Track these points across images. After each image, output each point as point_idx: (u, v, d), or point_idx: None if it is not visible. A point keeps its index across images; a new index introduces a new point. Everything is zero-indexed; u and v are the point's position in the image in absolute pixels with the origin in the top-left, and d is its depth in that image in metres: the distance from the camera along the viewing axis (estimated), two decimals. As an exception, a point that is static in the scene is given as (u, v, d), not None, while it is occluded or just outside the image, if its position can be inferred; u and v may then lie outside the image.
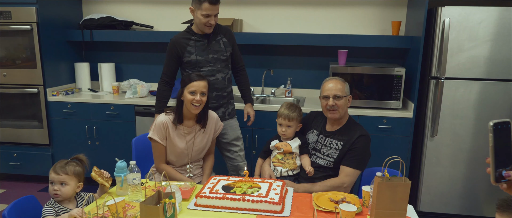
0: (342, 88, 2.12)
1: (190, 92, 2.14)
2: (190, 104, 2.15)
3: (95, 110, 3.41)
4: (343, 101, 2.11)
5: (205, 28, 2.48)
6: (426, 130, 2.94)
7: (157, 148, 2.21)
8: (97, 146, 3.48)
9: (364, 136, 2.10)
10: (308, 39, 3.32)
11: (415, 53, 2.98)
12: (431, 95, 2.88)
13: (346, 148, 2.09)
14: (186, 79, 2.16)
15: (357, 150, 2.07)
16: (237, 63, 2.73)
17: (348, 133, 2.13)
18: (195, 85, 2.14)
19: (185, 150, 2.25)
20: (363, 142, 2.08)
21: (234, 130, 2.68)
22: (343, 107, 2.12)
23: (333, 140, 2.15)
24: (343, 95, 2.11)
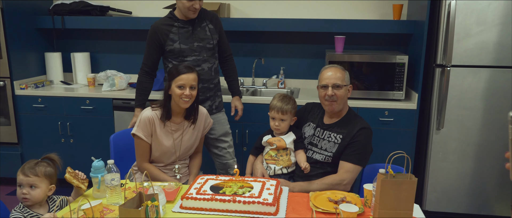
0: (342, 77, 2.12)
1: (179, 86, 2.13)
2: (179, 99, 2.14)
3: (69, 104, 3.37)
4: (343, 91, 2.11)
5: (189, 12, 2.45)
6: (431, 123, 2.95)
7: (141, 146, 2.19)
8: (71, 144, 3.44)
9: (365, 128, 2.10)
10: (302, 25, 3.31)
11: (419, 39, 2.98)
12: (436, 85, 2.88)
13: (346, 141, 2.09)
14: (174, 72, 2.14)
15: (358, 144, 2.07)
16: (224, 52, 2.71)
17: (348, 125, 2.13)
18: (183, 78, 2.13)
19: (172, 148, 2.24)
20: (365, 135, 2.08)
21: (222, 125, 2.67)
22: (343, 98, 2.12)
23: (332, 133, 2.15)
24: (343, 84, 2.11)
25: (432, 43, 2.92)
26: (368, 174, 2.19)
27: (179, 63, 2.48)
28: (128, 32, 3.79)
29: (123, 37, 3.83)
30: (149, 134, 2.19)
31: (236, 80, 2.78)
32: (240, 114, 2.76)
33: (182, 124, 2.26)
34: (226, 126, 2.70)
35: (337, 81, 2.10)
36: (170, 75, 2.15)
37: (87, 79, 3.61)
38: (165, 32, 2.50)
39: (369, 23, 3.23)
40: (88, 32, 3.86)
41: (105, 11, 3.66)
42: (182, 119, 2.26)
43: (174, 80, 2.13)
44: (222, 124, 2.68)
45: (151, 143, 2.21)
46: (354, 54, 3.09)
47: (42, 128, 3.45)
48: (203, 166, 2.47)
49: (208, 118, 2.40)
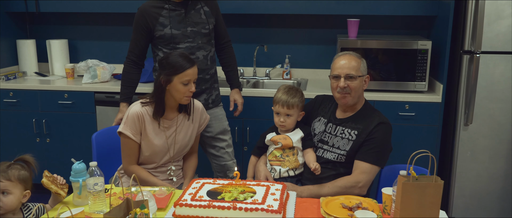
0: (357, 66, 2.11)
1: (184, 82, 2.12)
2: (182, 96, 2.15)
3: (45, 99, 3.37)
4: (357, 82, 2.10)
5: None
6: (458, 118, 2.94)
7: (128, 146, 2.19)
8: (48, 144, 3.45)
9: (384, 124, 2.09)
10: (311, 7, 3.29)
11: (444, 21, 2.96)
12: (464, 74, 2.87)
13: (362, 138, 2.09)
14: (176, 65, 2.12)
15: (376, 141, 2.07)
16: (221, 38, 2.71)
17: (364, 120, 2.13)
18: (189, 73, 2.13)
19: (165, 147, 2.24)
20: (383, 132, 2.08)
21: (220, 121, 2.67)
22: (357, 90, 2.11)
23: (346, 128, 2.15)
24: (358, 75, 2.10)
25: (459, 26, 2.90)
26: (387, 176, 2.19)
27: (170, 51, 2.48)
28: (112, 16, 3.78)
29: (106, 22, 3.81)
30: (138, 132, 2.18)
31: (235, 70, 2.77)
32: (240, 109, 2.76)
33: (175, 119, 2.25)
34: (225, 122, 2.69)
35: (351, 71, 2.10)
36: (170, 69, 2.12)
37: (65, 70, 3.60)
38: (154, 15, 2.49)
39: (387, 4, 3.22)
40: (66, 16, 3.84)
41: (85, -8, 3.66)
42: (176, 114, 2.26)
43: (177, 76, 2.11)
44: (220, 120, 2.67)
45: (140, 142, 2.21)
46: (370, 40, 3.07)
47: (14, 126, 3.45)
48: (198, 168, 2.47)
49: (204, 114, 2.39)
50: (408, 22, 3.47)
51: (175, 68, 2.11)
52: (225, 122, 2.70)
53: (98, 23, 3.83)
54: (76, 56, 3.89)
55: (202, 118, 2.37)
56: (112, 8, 3.51)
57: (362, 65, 2.13)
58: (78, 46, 3.89)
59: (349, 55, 2.15)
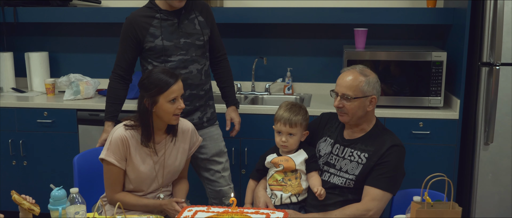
0: (356, 86, 2.09)
1: (170, 100, 2.12)
2: (170, 116, 2.14)
3: (22, 117, 3.36)
4: (356, 104, 2.10)
5: (174, 1, 2.47)
6: (477, 136, 2.94)
7: (113, 173, 2.18)
8: (24, 168, 3.43)
9: (397, 146, 2.09)
10: (314, 15, 3.30)
11: (459, 31, 2.97)
12: (482, 88, 2.88)
13: (373, 161, 2.08)
14: (160, 83, 2.10)
15: (388, 165, 2.06)
16: (217, 51, 2.72)
17: (375, 141, 2.12)
18: (175, 90, 2.12)
19: (152, 173, 2.23)
20: (396, 155, 2.08)
21: (216, 142, 2.67)
22: (355, 112, 2.11)
23: (355, 150, 2.15)
24: (356, 96, 2.09)
25: (476, 36, 2.91)
26: (400, 202, 2.17)
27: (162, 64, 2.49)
28: (96, 27, 3.78)
29: (90, 33, 3.82)
30: (123, 158, 2.17)
31: (231, 86, 2.77)
32: (237, 129, 2.75)
33: (163, 142, 2.25)
34: (221, 143, 2.69)
35: (347, 90, 2.09)
36: (154, 89, 2.10)
37: (45, 86, 3.59)
38: (144, 25, 2.50)
39: (397, 12, 3.23)
40: (46, 27, 3.85)
41: (67, 0, 3.66)
42: (164, 136, 2.25)
43: (163, 95, 2.10)
44: (215, 141, 2.67)
45: (125, 168, 2.19)
46: (379, 51, 3.08)
47: (-12, 147, 3.44)
48: (191, 194, 2.46)
49: (196, 135, 2.39)
50: (421, 32, 3.47)
51: (159, 86, 2.10)
52: (221, 143, 2.69)
53: (81, 34, 3.83)
54: (57, 70, 3.88)
55: (193, 140, 2.36)
56: (97, 18, 3.52)
57: (366, 84, 2.10)
58: (60, 59, 3.89)
59: (351, 71, 2.14)
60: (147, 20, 2.50)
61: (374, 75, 2.15)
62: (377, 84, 2.15)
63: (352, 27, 3.30)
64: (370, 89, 2.11)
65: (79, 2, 3.75)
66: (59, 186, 1.88)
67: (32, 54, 3.69)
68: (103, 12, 3.52)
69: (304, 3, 3.55)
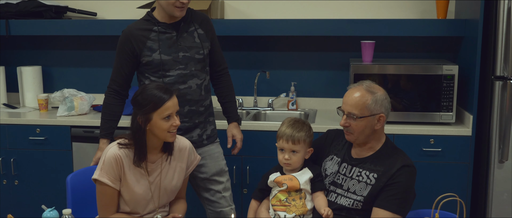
0: (362, 104, 2.09)
1: (165, 117, 2.12)
2: (165, 133, 2.15)
3: (13, 134, 3.37)
4: (361, 123, 2.09)
5: (175, 10, 2.47)
6: (491, 153, 2.93)
7: (106, 194, 2.17)
8: (16, 187, 3.43)
9: (408, 167, 2.08)
10: (319, 27, 3.32)
11: (472, 43, 2.98)
12: (496, 103, 2.88)
13: (382, 182, 2.07)
14: (153, 99, 2.11)
15: (398, 186, 2.05)
16: (217, 65, 2.73)
17: (385, 161, 2.12)
18: (169, 106, 2.13)
19: (148, 194, 2.23)
20: (407, 176, 2.07)
21: (216, 161, 2.66)
22: (362, 131, 2.11)
23: (363, 170, 2.14)
24: (362, 115, 2.09)
25: (489, 48, 2.92)
26: (410, 223, 2.16)
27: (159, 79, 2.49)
28: (92, 40, 3.80)
29: (85, 46, 3.84)
30: (117, 178, 2.16)
31: (233, 101, 2.77)
32: (239, 146, 2.75)
33: (159, 161, 2.24)
34: (222, 162, 2.68)
35: (353, 109, 2.09)
36: (147, 106, 2.11)
37: (38, 101, 3.60)
38: (141, 39, 2.50)
39: (406, 24, 3.24)
40: (40, 40, 3.87)
41: (62, 12, 3.68)
42: (159, 155, 2.25)
43: (157, 112, 2.11)
44: (216, 159, 2.66)
45: (119, 189, 2.19)
46: (387, 65, 3.09)
47: (-22, 166, 3.43)
48: (190, 215, 2.45)
49: (194, 153, 2.38)
50: (431, 44, 3.48)
51: (153, 103, 2.10)
52: (222, 162, 2.69)
53: (76, 48, 3.85)
54: (50, 85, 3.89)
55: (191, 158, 2.36)
56: (92, 31, 3.54)
57: (373, 101, 2.09)
58: (53, 73, 3.91)
59: (357, 88, 2.13)
60: (144, 33, 2.51)
61: (383, 92, 2.15)
62: (386, 101, 2.14)
63: (358, 39, 3.32)
64: (378, 107, 2.11)
65: (74, 15, 3.78)
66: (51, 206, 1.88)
67: (24, 68, 3.70)
68: (99, 25, 3.53)
69: (308, 15, 3.57)
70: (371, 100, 2.09)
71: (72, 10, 3.72)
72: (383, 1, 3.51)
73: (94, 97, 3.59)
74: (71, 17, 3.79)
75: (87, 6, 3.79)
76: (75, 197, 2.42)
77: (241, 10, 3.65)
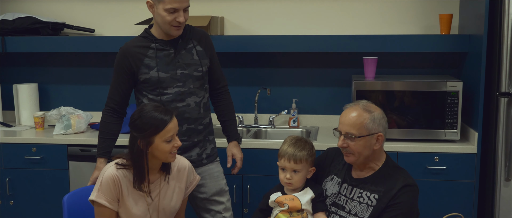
0: (360, 124, 2.09)
1: (167, 139, 2.12)
2: (167, 154, 2.15)
3: (9, 153, 3.37)
4: (359, 143, 2.09)
5: (171, 29, 2.48)
6: (497, 171, 2.92)
7: (104, 216, 2.17)
8: (11, 208, 3.42)
9: (410, 186, 2.08)
10: (321, 43, 3.33)
11: (476, 59, 2.99)
12: (502, 119, 2.88)
13: (384, 203, 2.07)
14: (154, 123, 2.10)
15: (401, 207, 2.05)
16: (217, 83, 2.73)
17: (386, 181, 2.11)
18: (171, 128, 2.14)
19: (146, 216, 2.22)
20: (409, 195, 2.07)
21: (216, 180, 2.66)
22: (361, 152, 2.11)
23: (364, 191, 2.14)
24: (360, 134, 2.09)
25: (494, 64, 2.93)
26: (414, 243, 2.15)
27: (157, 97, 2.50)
28: (89, 57, 3.82)
29: (82, 63, 3.85)
30: (115, 199, 2.17)
31: (233, 119, 2.77)
32: (239, 166, 2.75)
33: (158, 182, 2.24)
34: (222, 181, 2.68)
35: (350, 129, 2.10)
36: (148, 129, 2.10)
37: (34, 119, 3.60)
38: (139, 56, 2.52)
39: (409, 40, 3.25)
40: (36, 57, 3.89)
41: (59, 29, 3.70)
42: (158, 175, 2.25)
43: (158, 135, 2.11)
44: (216, 179, 2.66)
45: (117, 210, 2.19)
46: (390, 81, 3.09)
47: (-28, 186, 3.43)
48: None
49: (193, 173, 2.39)
50: (435, 60, 3.49)
51: (154, 126, 2.10)
52: (222, 181, 2.68)
53: (73, 65, 3.87)
54: (47, 103, 3.91)
55: (190, 178, 2.36)
56: (89, 48, 3.55)
57: (370, 121, 2.10)
58: (50, 91, 3.92)
59: (354, 108, 2.14)
60: (141, 50, 2.53)
61: (380, 111, 2.15)
62: (383, 121, 2.14)
63: (361, 55, 3.33)
64: (376, 126, 2.11)
65: (71, 31, 3.80)
66: (47, 228, 1.87)
67: (20, 85, 3.71)
68: (96, 42, 3.55)
69: (309, 31, 3.58)
70: (369, 119, 2.10)
71: (70, 26, 3.74)
72: (386, 16, 3.53)
73: (91, 115, 3.59)
74: (69, 34, 3.81)
75: (84, 22, 3.81)
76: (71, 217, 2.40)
77: (241, 26, 3.67)
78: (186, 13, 2.47)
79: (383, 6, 3.52)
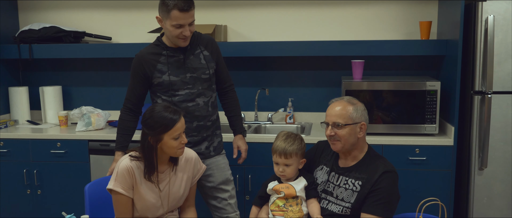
0: (345, 114, 2.12)
1: (175, 137, 2.14)
2: (175, 150, 2.16)
3: (36, 148, 3.39)
4: (346, 130, 2.12)
5: (179, 41, 2.49)
6: (472, 161, 2.94)
7: (121, 203, 2.19)
8: (38, 197, 3.44)
9: (389, 172, 2.10)
10: (313, 48, 3.35)
11: (452, 61, 3.01)
12: (475, 115, 2.90)
13: (367, 189, 2.08)
14: (164, 122, 2.11)
15: (382, 191, 2.06)
16: (223, 82, 2.74)
17: (367, 169, 2.13)
18: (179, 127, 2.14)
19: (158, 202, 2.24)
20: (389, 181, 2.08)
21: (222, 171, 2.67)
22: (347, 138, 2.13)
23: (349, 178, 2.15)
24: (346, 123, 2.11)
25: (468, 65, 2.95)
26: (397, 226, 2.18)
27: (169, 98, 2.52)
28: (107, 62, 3.83)
29: (101, 68, 3.87)
30: (130, 187, 2.18)
31: (238, 115, 2.78)
32: (244, 157, 2.76)
33: (167, 171, 2.26)
34: (227, 172, 2.69)
35: (337, 119, 2.12)
36: (159, 128, 2.11)
37: (59, 118, 3.62)
38: (152, 62, 2.53)
39: (393, 44, 3.27)
40: (60, 63, 3.90)
41: (80, 37, 3.72)
42: (168, 165, 2.27)
43: (167, 133, 2.12)
44: (222, 169, 2.67)
45: (133, 197, 2.21)
46: (376, 82, 3.11)
47: (4, 177, 3.45)
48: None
49: (200, 163, 2.40)
50: (416, 63, 3.50)
51: (164, 125, 2.11)
52: (227, 172, 2.69)
53: (93, 69, 3.88)
54: (70, 103, 3.92)
55: (197, 167, 2.37)
56: (107, 54, 3.57)
57: (354, 111, 2.13)
58: (72, 92, 3.93)
59: (339, 101, 2.17)
60: (154, 57, 2.54)
61: (361, 104, 2.19)
62: (365, 112, 2.17)
63: (349, 59, 3.34)
64: (359, 116, 2.14)
65: (91, 39, 3.81)
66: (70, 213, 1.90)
67: (46, 88, 3.73)
68: (113, 48, 3.57)
69: (304, 37, 3.60)
70: (352, 109, 2.13)
71: (89, 35, 3.76)
72: (371, 24, 3.54)
73: (109, 114, 3.61)
74: (88, 41, 3.82)
75: (102, 31, 3.83)
76: (92, 204, 2.43)
77: (243, 33, 3.69)
78: (191, 27, 2.47)
79: (369, 15, 3.53)
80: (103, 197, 2.47)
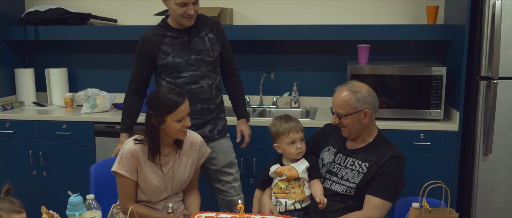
0: (346, 103, 2.12)
1: (178, 119, 2.13)
2: (178, 133, 2.16)
3: (42, 130, 3.41)
4: (349, 120, 2.13)
5: (183, 20, 2.49)
6: (476, 147, 2.94)
7: (125, 185, 2.20)
8: (44, 177, 3.47)
9: (397, 157, 2.10)
10: (319, 32, 3.34)
11: (458, 46, 2.99)
12: (481, 101, 2.89)
13: (373, 171, 2.09)
14: (168, 103, 2.10)
15: (388, 175, 2.07)
16: (228, 66, 2.73)
17: (376, 152, 2.14)
18: (182, 110, 2.13)
19: (162, 185, 2.25)
20: (396, 166, 2.09)
21: (226, 154, 2.68)
22: (351, 126, 2.14)
23: (356, 160, 2.16)
24: (346, 113, 2.12)
25: (474, 51, 2.93)
26: (400, 209, 2.19)
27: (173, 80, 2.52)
28: (112, 44, 3.84)
29: (106, 50, 3.88)
30: (134, 170, 2.18)
31: (242, 99, 2.78)
32: (247, 141, 2.76)
33: (172, 155, 2.26)
34: (231, 155, 2.70)
35: (339, 109, 2.14)
36: (162, 109, 2.11)
37: (64, 100, 3.64)
38: (157, 44, 2.53)
39: (399, 29, 3.26)
40: (65, 44, 3.91)
41: (86, 19, 3.72)
42: (172, 149, 2.27)
43: (170, 115, 2.11)
44: (226, 153, 2.68)
45: (136, 180, 2.21)
46: (381, 66, 3.10)
47: (10, 158, 3.48)
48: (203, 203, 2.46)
49: (204, 146, 2.40)
50: (421, 47, 3.49)
51: (168, 106, 2.10)
52: (231, 155, 2.70)
53: (98, 51, 3.89)
54: (75, 85, 3.94)
55: (202, 151, 2.38)
56: (113, 36, 3.58)
57: (355, 100, 2.11)
58: (78, 74, 3.95)
59: (341, 89, 2.17)
60: (159, 39, 2.54)
61: (366, 89, 2.15)
62: (369, 97, 2.14)
63: (355, 43, 3.33)
64: (361, 104, 2.12)
65: (96, 21, 3.82)
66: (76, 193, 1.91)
67: (52, 70, 3.74)
68: (119, 30, 3.58)
69: (309, 21, 3.59)
70: (353, 99, 2.12)
71: (95, 17, 3.76)
72: (378, 8, 3.52)
73: (114, 96, 3.62)
74: (94, 24, 3.83)
75: (108, 13, 3.83)
76: (97, 184, 2.45)
77: (248, 17, 3.68)
78: (196, 6, 2.47)
79: (376, -1, 3.53)
80: (108, 178, 2.49)
